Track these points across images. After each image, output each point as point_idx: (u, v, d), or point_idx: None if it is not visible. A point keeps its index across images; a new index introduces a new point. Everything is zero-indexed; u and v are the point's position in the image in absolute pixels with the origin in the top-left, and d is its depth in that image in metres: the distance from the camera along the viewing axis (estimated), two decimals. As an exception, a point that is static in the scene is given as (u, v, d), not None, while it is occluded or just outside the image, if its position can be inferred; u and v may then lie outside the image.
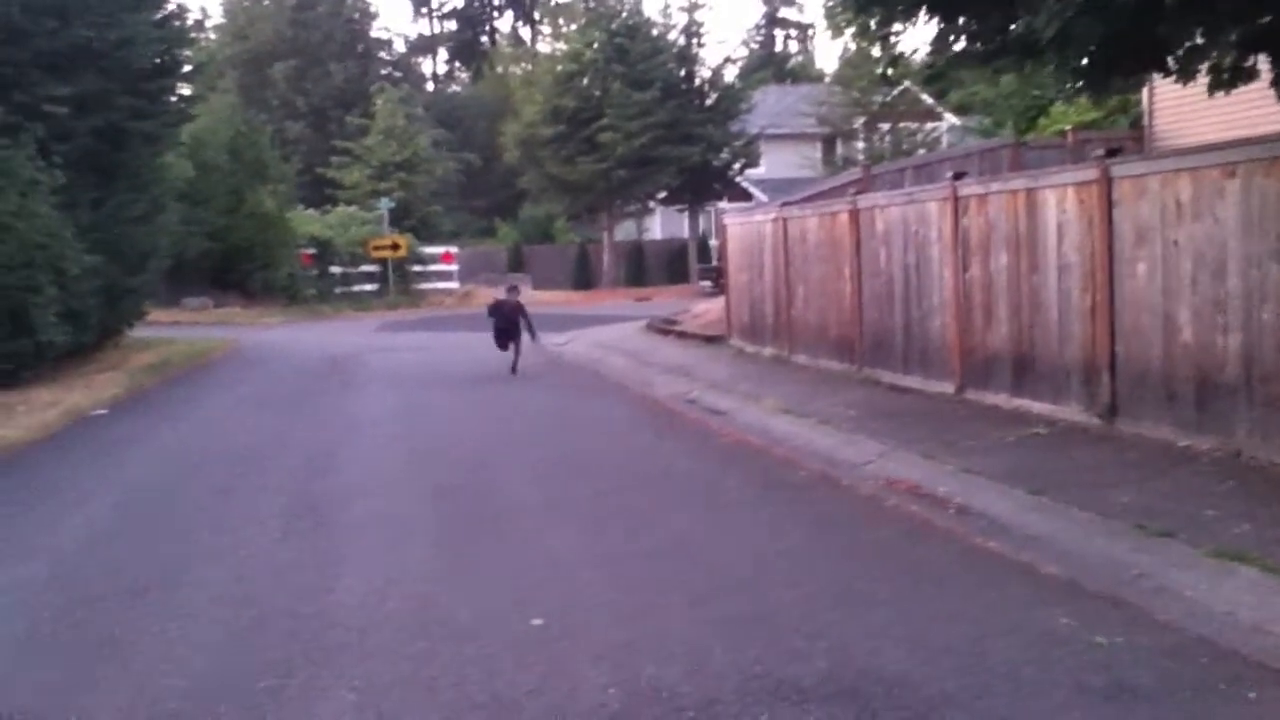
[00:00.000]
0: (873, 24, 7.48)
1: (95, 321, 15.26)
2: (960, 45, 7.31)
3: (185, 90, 18.33)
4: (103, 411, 11.69)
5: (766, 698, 3.90)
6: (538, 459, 8.72)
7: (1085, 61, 6.53)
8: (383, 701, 3.96)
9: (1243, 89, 6.96)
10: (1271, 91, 6.70)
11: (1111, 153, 8.36)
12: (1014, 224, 9.14)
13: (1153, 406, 7.69)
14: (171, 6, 16.76)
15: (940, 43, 7.26)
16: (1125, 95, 15.45)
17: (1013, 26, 6.67)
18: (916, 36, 41.34)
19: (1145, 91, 15.00)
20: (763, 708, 3.82)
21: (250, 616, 4.95)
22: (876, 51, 8.37)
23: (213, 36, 48.23)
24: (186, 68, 17.75)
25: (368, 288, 32.60)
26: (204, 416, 11.60)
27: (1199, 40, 6.45)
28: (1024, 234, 9.02)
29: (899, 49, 8.17)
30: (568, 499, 7.21)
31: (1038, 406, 8.83)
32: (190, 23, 17.78)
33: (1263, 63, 6.75)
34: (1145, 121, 15.34)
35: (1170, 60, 6.71)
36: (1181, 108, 13.86)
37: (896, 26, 7.70)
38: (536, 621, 4.76)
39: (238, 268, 28.46)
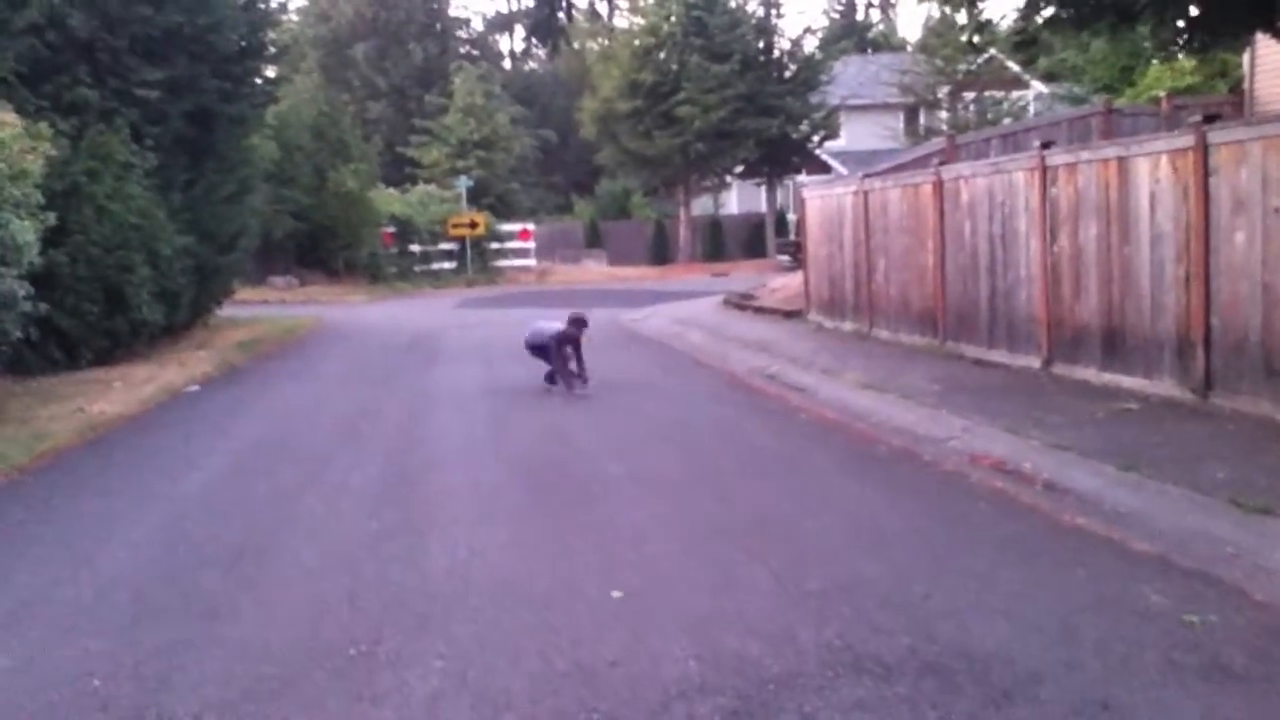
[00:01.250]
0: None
1: (187, 300, 15.68)
2: (1050, 10, 7.10)
3: (270, 72, 18.68)
4: (195, 388, 12.04)
5: (850, 672, 3.88)
6: (618, 432, 8.77)
7: (1183, 23, 6.29)
8: (469, 668, 4.03)
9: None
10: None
11: (1209, 119, 8.07)
12: (1105, 193, 8.89)
13: (1250, 381, 7.45)
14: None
15: (1030, 8, 7.06)
16: (1225, 58, 14.85)
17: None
18: (1004, 2, 40.18)
19: (1246, 55, 14.42)
20: (846, 681, 3.80)
21: (342, 584, 5.07)
22: (962, 18, 8.18)
23: (295, 19, 49.01)
24: (271, 50, 18.07)
25: (447, 265, 32.98)
26: (294, 391, 11.88)
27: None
28: (1115, 204, 8.77)
29: (985, 15, 7.99)
30: (648, 471, 7.24)
31: (1128, 381, 8.61)
32: (275, 5, 18.01)
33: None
34: (1245, 86, 14.75)
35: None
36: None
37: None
38: (616, 594, 4.80)
39: (322, 247, 29.00)
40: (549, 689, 3.84)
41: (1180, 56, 11.01)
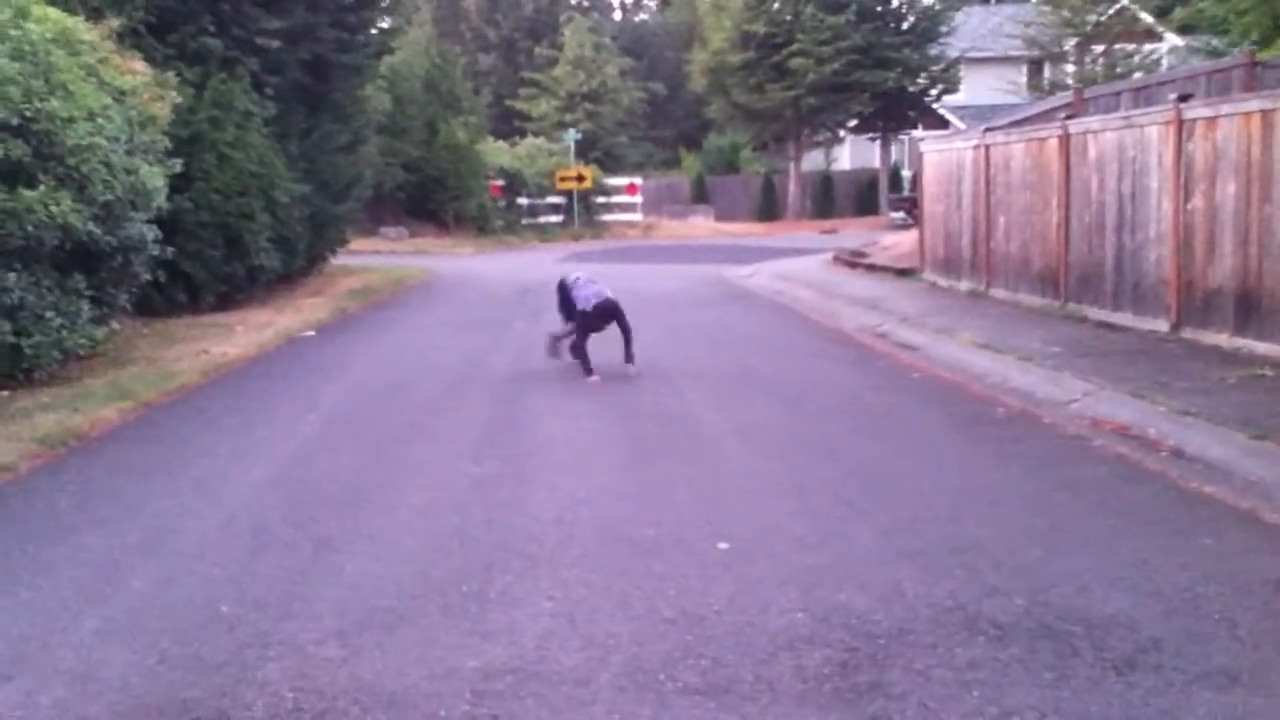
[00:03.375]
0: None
1: (303, 248, 16.09)
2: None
3: (385, 23, 18.93)
4: (311, 333, 12.37)
5: (962, 631, 3.79)
6: (723, 385, 8.71)
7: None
8: (576, 610, 4.06)
9: None
10: None
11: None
12: (1245, 149, 8.42)
13: (1401, 349, 7.01)
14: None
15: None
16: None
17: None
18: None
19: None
20: (958, 641, 3.72)
21: (452, 525, 5.17)
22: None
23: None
24: (387, 1, 18.30)
25: (553, 219, 33.18)
26: (405, 339, 12.12)
27: None
28: (1257, 160, 8.30)
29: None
30: (754, 426, 7.19)
31: (1263, 347, 8.20)
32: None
33: None
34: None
35: None
36: None
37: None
38: (723, 545, 4.78)
39: (431, 198, 29.41)
40: (656, 634, 3.85)
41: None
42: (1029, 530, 4.90)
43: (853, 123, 37.60)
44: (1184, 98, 9.48)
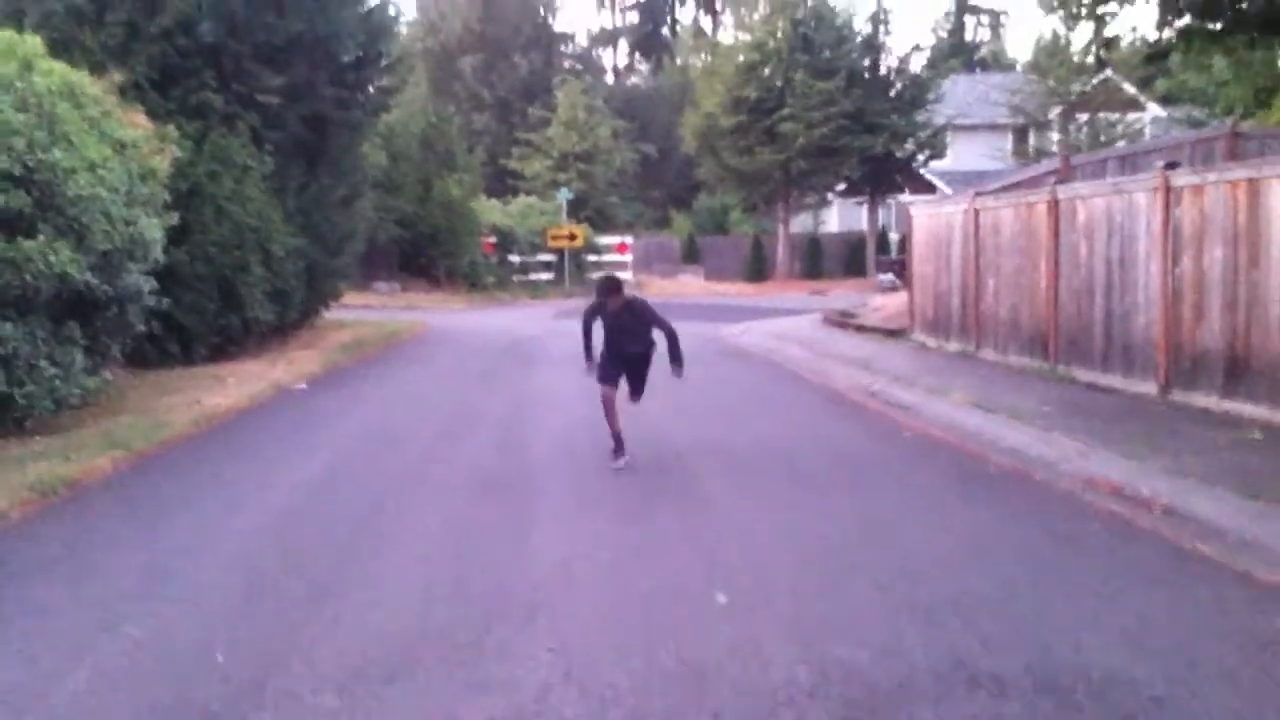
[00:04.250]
0: (1085, 2, 7.13)
1: (297, 301, 16.12)
2: (1184, 21, 6.89)
3: (384, 81, 19.15)
4: (303, 386, 12.35)
5: (962, 686, 3.79)
6: (717, 440, 8.72)
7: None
8: (574, 662, 4.05)
9: None
10: None
11: (1348, 137, 7.73)
12: (1232, 216, 8.57)
13: (1388, 412, 7.09)
14: (375, 1, 17.55)
15: (1164, 18, 6.86)
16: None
17: (1244, 2, 6.24)
18: (1129, 18, 39.30)
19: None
20: (959, 696, 3.71)
21: (450, 576, 5.15)
22: (1085, 34, 8.01)
23: (404, 30, 50.28)
24: (386, 60, 18.53)
25: (545, 276, 33.37)
26: (397, 393, 12.12)
27: None
28: (1243, 226, 8.45)
29: (1111, 30, 7.81)
30: (751, 481, 7.19)
31: (1252, 409, 8.28)
32: (390, 15, 18.49)
33: None
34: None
35: None
36: None
37: (1111, 6, 7.33)
38: (721, 599, 4.77)
39: (424, 254, 29.59)
40: (657, 688, 3.83)
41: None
42: (1026, 586, 4.91)
43: (841, 186, 38.08)
44: (1171, 165, 9.68)
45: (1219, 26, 6.56)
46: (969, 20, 66.12)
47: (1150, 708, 3.62)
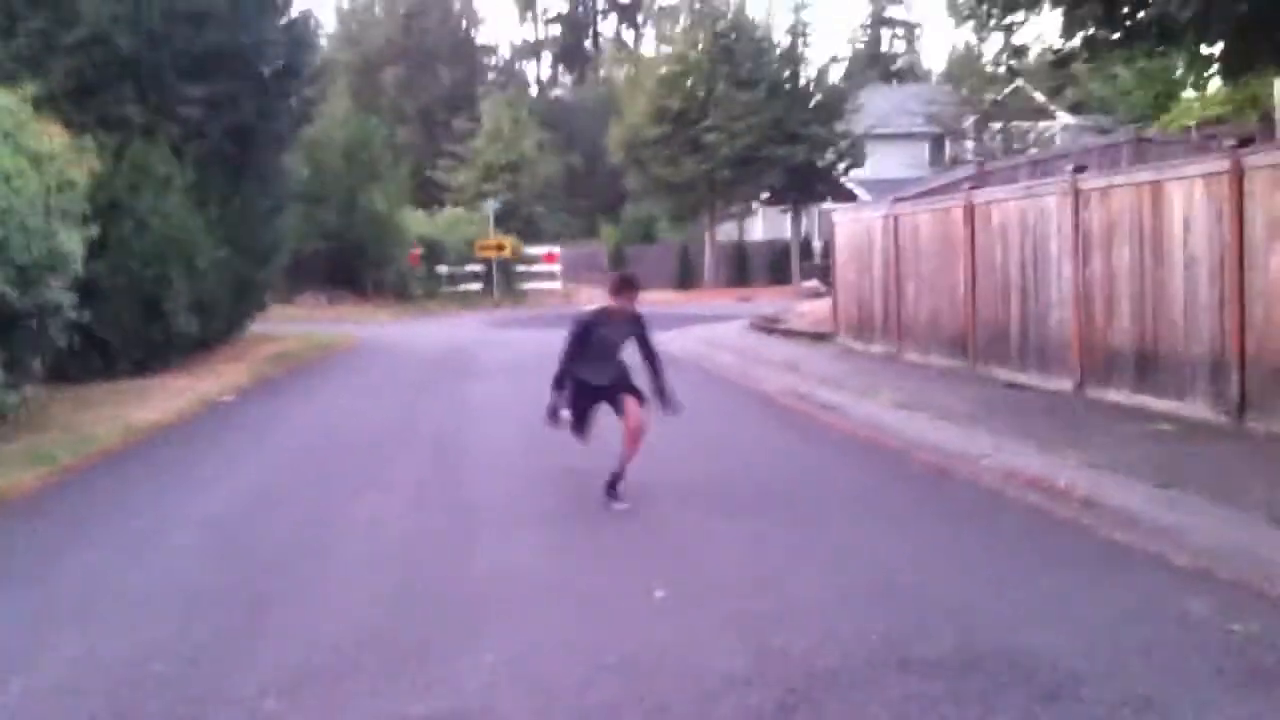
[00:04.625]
0: (995, 12, 7.42)
1: (222, 313, 15.89)
2: (1088, 31, 7.21)
3: (306, 93, 18.97)
4: (231, 398, 12.19)
5: (894, 669, 3.93)
6: (653, 445, 8.80)
7: (1223, 46, 6.39)
8: (518, 662, 4.11)
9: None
10: None
11: (1244, 143, 8.14)
12: (1138, 217, 8.95)
13: (1286, 402, 7.46)
14: (297, 13, 17.42)
15: (1069, 29, 7.17)
16: (1255, 90, 14.90)
17: (1140, 13, 6.56)
18: (1036, 28, 40.60)
19: (1276, 84, 14.44)
20: (892, 677, 3.86)
21: (392, 584, 5.17)
22: (996, 44, 8.34)
23: (325, 44, 49.78)
24: (309, 70, 18.36)
25: (473, 287, 33.24)
26: (328, 405, 12.02)
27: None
28: (1148, 228, 8.83)
29: (1020, 39, 8.11)
30: (684, 483, 7.30)
31: (1161, 404, 8.64)
32: (313, 27, 18.34)
33: None
34: (1277, 115, 14.76)
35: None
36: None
37: (1019, 16, 7.63)
38: (659, 594, 4.86)
39: (351, 266, 29.25)
40: (599, 679, 3.92)
41: (1212, 86, 11.09)
42: (952, 574, 5.10)
43: (765, 195, 38.56)
44: (1079, 169, 10.06)
45: (1122, 35, 6.89)
46: (885, 32, 67.46)
47: (1071, 683, 3.80)
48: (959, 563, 5.31)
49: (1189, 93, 18.23)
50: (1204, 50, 6.80)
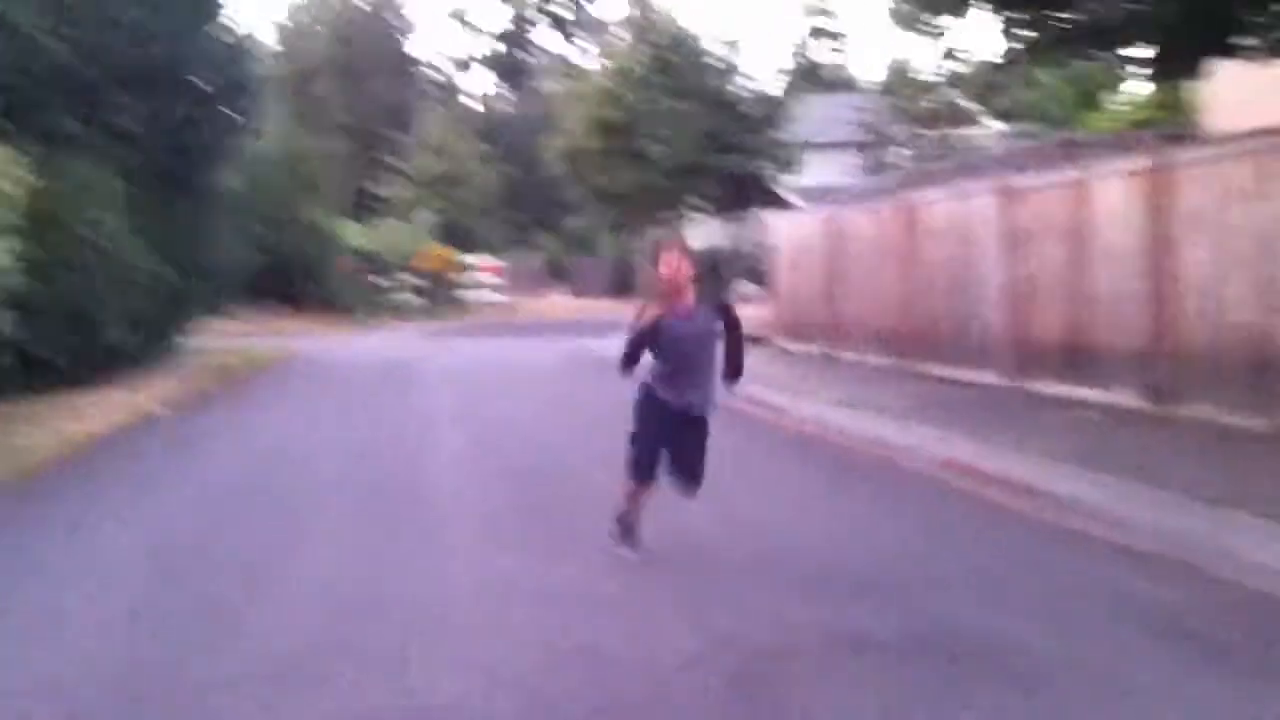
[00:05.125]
0: (926, 19, 7.65)
1: (158, 328, 15.66)
2: (1024, 33, 7.47)
3: (244, 107, 18.78)
4: (168, 412, 12.02)
5: (846, 649, 4.07)
6: (595, 448, 8.87)
7: (1157, 48, 6.67)
8: (476, 659, 4.14)
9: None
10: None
11: (1169, 142, 8.47)
12: (1065, 215, 9.25)
13: (1203, 389, 7.78)
14: (235, 28, 17.29)
15: (1008, 31, 7.43)
16: (1180, 94, 15.44)
17: (1073, 18, 6.81)
18: (970, 33, 41.58)
19: (1200, 87, 14.96)
20: (843, 656, 4.00)
21: (341, 593, 5.19)
22: (933, 52, 8.60)
23: (264, 59, 49.21)
24: (247, 85, 18.19)
25: (413, 299, 33.06)
26: (265, 417, 11.91)
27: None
28: (1075, 225, 9.13)
29: (953, 44, 8.36)
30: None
31: (1088, 393, 8.94)
32: (251, 43, 18.18)
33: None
34: (1201, 117, 15.30)
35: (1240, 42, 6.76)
36: (1240, 104, 13.84)
37: (947, 20, 7.87)
38: (610, 588, 4.95)
39: (287, 279, 28.95)
40: (558, 666, 4.00)
41: (1140, 88, 11.50)
42: (896, 558, 5.27)
43: (704, 203, 38.85)
44: (1009, 171, 10.36)
45: (1058, 37, 7.17)
46: (816, 43, 68.32)
47: (1015, 651, 3.98)
48: (901, 547, 5.51)
49: (1119, 95, 18.82)
50: (1134, 54, 7.10)
